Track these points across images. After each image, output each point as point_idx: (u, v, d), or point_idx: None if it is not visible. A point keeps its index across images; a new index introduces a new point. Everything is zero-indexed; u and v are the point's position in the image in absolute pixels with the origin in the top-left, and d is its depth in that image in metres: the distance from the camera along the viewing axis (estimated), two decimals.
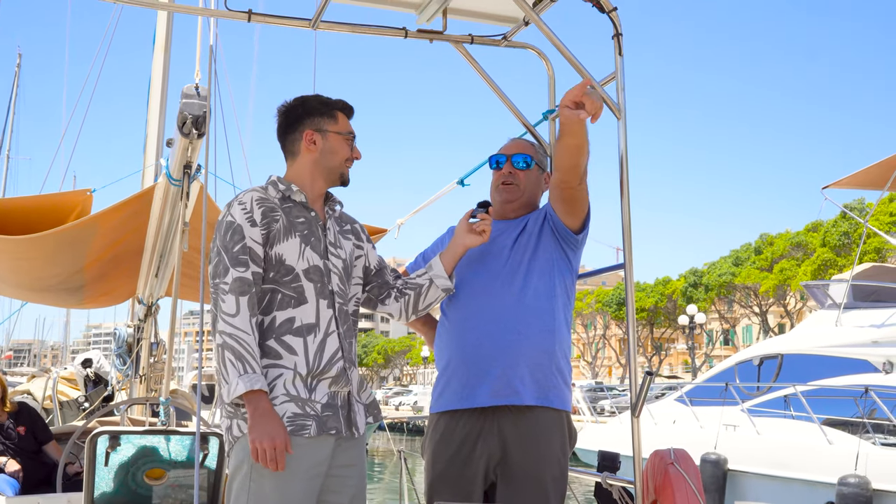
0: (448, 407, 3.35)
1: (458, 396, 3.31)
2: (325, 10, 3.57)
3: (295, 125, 3.13)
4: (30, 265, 6.53)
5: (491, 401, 3.23)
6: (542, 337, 3.31)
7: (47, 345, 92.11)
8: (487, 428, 3.27)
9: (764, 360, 16.43)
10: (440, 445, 3.35)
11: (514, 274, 3.36)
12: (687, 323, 42.62)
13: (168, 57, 8.22)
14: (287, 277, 2.95)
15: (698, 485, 3.11)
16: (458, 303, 3.39)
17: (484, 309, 3.31)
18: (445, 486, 3.29)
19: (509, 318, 3.29)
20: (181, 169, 4.66)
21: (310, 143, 3.10)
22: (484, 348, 3.27)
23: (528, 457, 3.24)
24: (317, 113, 3.12)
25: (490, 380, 3.24)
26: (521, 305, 3.31)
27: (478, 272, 3.39)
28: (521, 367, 3.25)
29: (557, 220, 3.41)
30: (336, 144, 3.11)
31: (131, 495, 5.05)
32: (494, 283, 3.35)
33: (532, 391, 3.26)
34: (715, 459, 14.04)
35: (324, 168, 3.11)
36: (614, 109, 3.23)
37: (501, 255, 3.40)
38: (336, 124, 3.12)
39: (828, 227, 44.04)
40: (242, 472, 2.85)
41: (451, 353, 3.35)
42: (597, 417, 23.83)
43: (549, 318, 3.35)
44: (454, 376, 3.33)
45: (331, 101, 3.16)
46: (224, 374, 2.79)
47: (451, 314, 3.41)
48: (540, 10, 3.58)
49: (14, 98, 40.25)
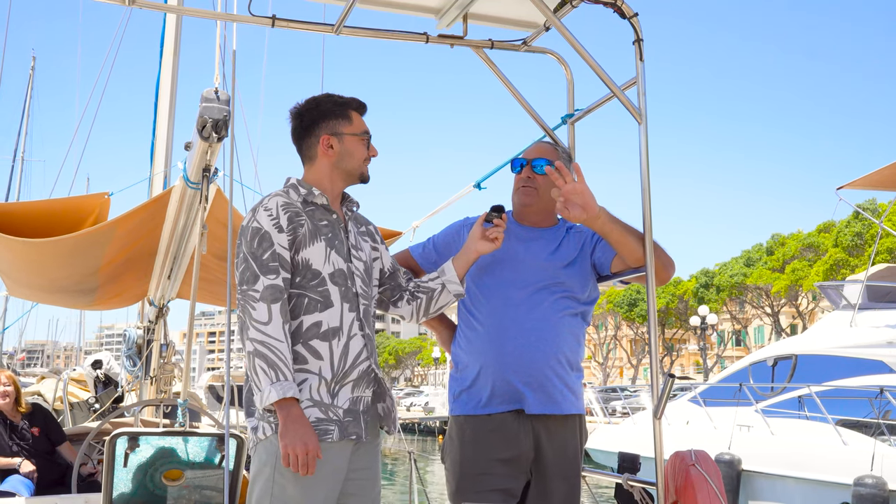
0: (481, 411, 3.36)
1: (498, 402, 3.33)
2: (348, 15, 3.57)
3: (310, 129, 3.11)
4: (46, 267, 6.56)
5: (534, 409, 3.29)
6: (574, 351, 3.42)
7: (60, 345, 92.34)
8: (524, 430, 3.32)
9: (778, 360, 16.35)
10: (478, 447, 3.34)
11: (554, 290, 3.40)
12: (698, 324, 42.42)
13: (177, 59, 8.23)
14: (314, 282, 2.97)
15: (720, 486, 3.11)
16: (494, 309, 3.40)
17: (524, 319, 3.33)
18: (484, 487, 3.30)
19: (549, 331, 3.34)
20: (200, 172, 4.67)
21: (327, 147, 3.09)
22: (525, 359, 3.30)
23: (558, 457, 3.35)
24: (331, 115, 3.10)
25: (532, 389, 3.30)
26: (559, 320, 3.37)
27: (514, 282, 3.40)
28: (557, 379, 3.34)
29: (605, 263, 3.47)
30: (352, 146, 3.10)
31: (149, 496, 5.07)
32: (534, 295, 3.38)
33: (568, 401, 3.37)
34: (729, 460, 13.97)
35: (342, 171, 3.11)
36: (635, 114, 3.23)
37: (536, 265, 3.43)
38: (351, 125, 3.11)
39: (840, 227, 43.84)
40: (265, 475, 2.87)
41: (486, 359, 3.35)
42: (609, 419, 23.78)
43: (580, 332, 3.48)
44: (491, 382, 3.34)
45: (344, 100, 3.15)
46: (256, 382, 2.80)
47: (484, 319, 3.40)
48: (561, 16, 3.58)
49: (28, 100, 40.38)
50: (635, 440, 16.95)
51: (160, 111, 8.34)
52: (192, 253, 5.77)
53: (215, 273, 6.74)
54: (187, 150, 4.80)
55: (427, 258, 3.63)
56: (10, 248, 5.96)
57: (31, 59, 42.24)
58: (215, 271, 6.69)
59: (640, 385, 50.08)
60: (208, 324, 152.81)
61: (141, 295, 7.91)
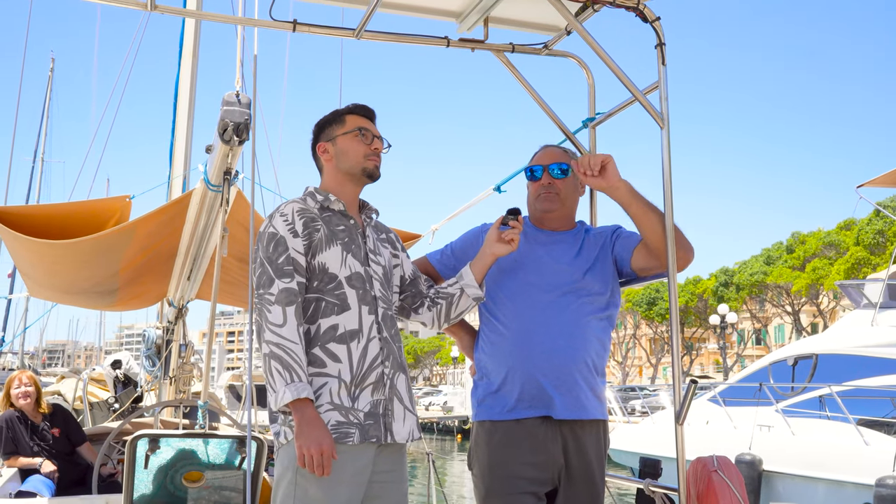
0: (508, 416, 3.35)
1: (526, 406, 3.31)
2: (369, 20, 3.57)
3: (314, 143, 3.24)
4: (67, 268, 6.61)
5: (563, 414, 3.28)
6: (600, 356, 3.42)
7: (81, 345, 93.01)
8: (552, 436, 3.31)
9: (798, 360, 16.25)
10: (508, 450, 3.33)
11: (581, 294, 3.39)
12: (718, 322, 42.25)
13: (196, 63, 8.26)
14: (330, 285, 3.00)
15: (742, 492, 3.10)
16: (519, 312, 3.38)
17: (551, 323, 3.32)
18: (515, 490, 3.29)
19: (577, 335, 3.33)
20: (221, 175, 4.68)
21: (323, 153, 3.19)
22: (554, 362, 3.28)
23: (584, 463, 3.34)
24: (327, 125, 3.22)
25: (561, 393, 3.28)
26: (586, 324, 3.36)
27: (539, 285, 3.39)
28: (584, 383, 3.33)
29: (628, 266, 3.46)
30: (345, 145, 3.15)
31: (169, 497, 5.09)
32: (560, 298, 3.37)
33: (594, 405, 3.36)
34: (750, 460, 13.90)
35: (343, 171, 3.16)
36: (657, 119, 3.22)
37: (560, 268, 3.42)
38: (343, 126, 3.18)
39: (861, 225, 43.57)
40: (287, 479, 2.89)
41: (514, 362, 3.34)
42: (629, 418, 23.70)
43: (606, 337, 3.46)
44: (519, 386, 3.32)
45: (342, 108, 3.23)
46: (271, 383, 2.84)
47: (510, 323, 3.38)
48: (582, 19, 3.58)
49: (48, 102, 40.65)
50: (654, 440, 16.90)
51: (179, 114, 8.37)
52: (211, 255, 5.79)
53: (234, 274, 6.76)
54: (208, 153, 4.81)
55: (446, 264, 3.63)
56: (31, 249, 6.00)
57: (50, 61, 42.51)
58: (234, 272, 6.72)
59: (660, 385, 49.92)
60: (227, 323, 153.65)
61: (160, 295, 7.95)
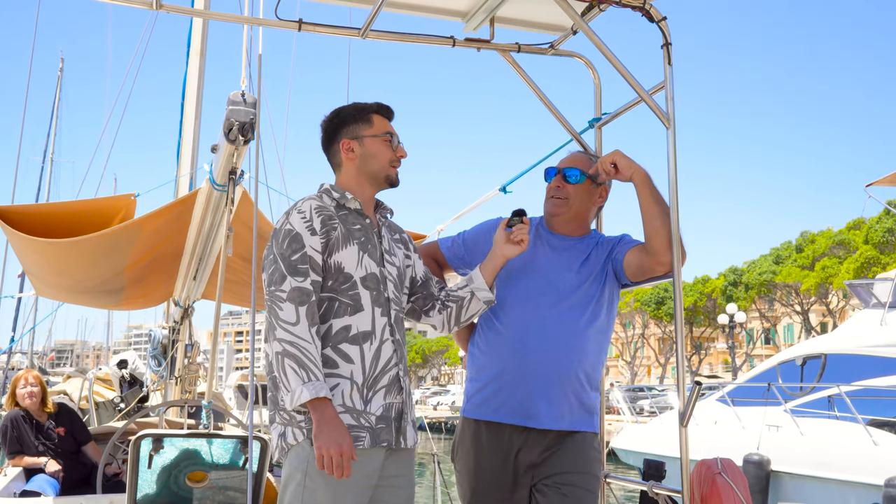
0: (494, 418, 3.35)
1: (512, 411, 3.31)
2: (374, 19, 3.56)
3: (333, 137, 3.13)
4: (72, 267, 6.61)
5: (546, 424, 3.27)
6: (595, 368, 3.40)
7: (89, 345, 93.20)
8: (536, 443, 3.31)
9: (807, 359, 16.22)
10: (485, 454, 3.35)
11: (583, 303, 3.37)
12: (727, 322, 42.06)
13: (203, 63, 8.27)
14: (345, 285, 2.94)
15: (746, 495, 3.08)
16: (520, 315, 3.37)
17: (548, 331, 3.30)
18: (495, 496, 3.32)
19: (574, 347, 3.31)
20: (226, 174, 4.68)
21: (348, 151, 3.09)
22: (545, 373, 3.27)
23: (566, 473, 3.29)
24: (351, 120, 3.11)
25: (548, 403, 3.27)
26: (585, 335, 3.34)
27: (544, 290, 3.37)
28: (573, 396, 3.32)
29: (621, 270, 3.44)
30: (373, 148, 3.08)
31: (173, 497, 5.09)
32: (563, 306, 3.35)
33: (582, 418, 3.35)
34: (758, 460, 13.87)
35: (367, 174, 3.09)
36: (663, 119, 3.20)
37: (566, 276, 3.40)
38: (371, 127, 3.10)
39: (871, 223, 43.44)
40: (296, 481, 2.85)
41: (506, 365, 3.33)
42: (637, 418, 23.63)
43: (602, 351, 3.45)
44: (507, 389, 3.32)
45: (365, 105, 3.14)
46: (285, 382, 2.76)
47: (509, 323, 3.37)
48: (588, 19, 3.57)
49: (57, 102, 40.71)
50: (662, 441, 16.87)
51: (186, 113, 8.37)
52: (217, 254, 5.79)
53: (240, 274, 6.76)
54: (213, 152, 4.80)
55: (455, 252, 3.62)
56: (36, 248, 6.01)
57: (59, 61, 42.60)
58: (240, 272, 6.72)
59: (668, 384, 49.84)
60: (235, 323, 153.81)
61: (167, 295, 7.95)
